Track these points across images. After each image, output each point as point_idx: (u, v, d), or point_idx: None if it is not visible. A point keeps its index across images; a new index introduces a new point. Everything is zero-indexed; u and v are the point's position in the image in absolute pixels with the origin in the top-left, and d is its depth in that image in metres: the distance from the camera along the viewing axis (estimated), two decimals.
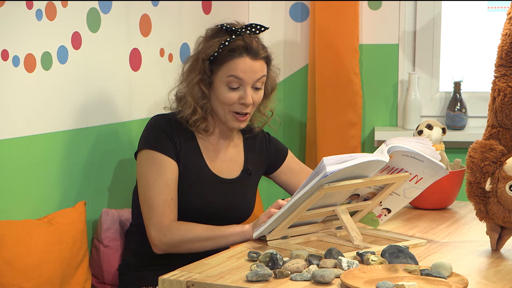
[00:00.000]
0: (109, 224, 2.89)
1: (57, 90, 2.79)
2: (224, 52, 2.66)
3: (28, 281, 2.49)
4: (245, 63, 2.65)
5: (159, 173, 2.65)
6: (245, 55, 2.66)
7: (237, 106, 2.68)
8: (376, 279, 2.06)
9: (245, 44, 2.66)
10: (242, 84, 2.66)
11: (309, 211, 2.47)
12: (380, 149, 2.46)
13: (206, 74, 2.68)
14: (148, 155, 2.68)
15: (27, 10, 2.64)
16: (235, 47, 2.65)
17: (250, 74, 2.66)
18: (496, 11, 3.79)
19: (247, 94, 2.67)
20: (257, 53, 2.67)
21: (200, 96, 2.69)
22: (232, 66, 2.65)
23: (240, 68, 2.65)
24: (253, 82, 2.67)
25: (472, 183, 2.35)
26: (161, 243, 2.62)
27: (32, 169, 2.70)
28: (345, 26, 3.71)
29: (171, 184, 2.66)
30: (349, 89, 3.73)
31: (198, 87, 2.69)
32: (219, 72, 2.67)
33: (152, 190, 2.64)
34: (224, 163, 2.77)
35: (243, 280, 2.11)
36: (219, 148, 2.77)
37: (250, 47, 2.66)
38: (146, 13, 3.19)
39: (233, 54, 2.65)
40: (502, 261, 2.32)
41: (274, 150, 2.90)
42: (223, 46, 2.66)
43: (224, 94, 2.67)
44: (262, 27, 2.70)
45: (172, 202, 2.65)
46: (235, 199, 2.76)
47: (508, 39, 2.36)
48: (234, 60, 2.65)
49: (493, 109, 2.39)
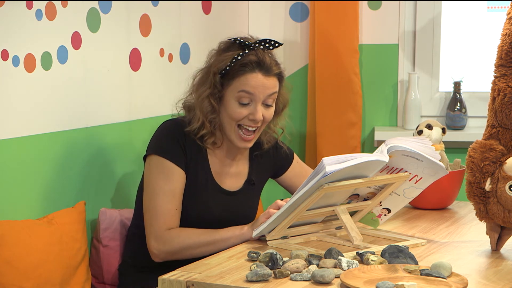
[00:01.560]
0: (107, 224, 2.88)
1: (57, 90, 2.79)
2: (236, 67, 2.60)
3: (28, 281, 2.49)
4: (257, 78, 2.60)
5: (167, 182, 2.61)
6: (257, 71, 2.60)
7: (246, 121, 2.62)
8: (376, 279, 2.06)
9: (258, 59, 2.60)
10: (253, 100, 2.61)
11: (309, 211, 2.47)
12: (380, 149, 2.46)
13: (216, 88, 2.62)
14: (158, 162, 2.63)
15: (27, 10, 2.64)
16: (248, 62, 2.60)
17: (261, 90, 2.60)
18: (496, 11, 3.79)
19: (257, 110, 2.61)
20: (270, 69, 2.62)
21: (209, 111, 2.63)
22: (244, 81, 2.60)
23: (251, 83, 2.59)
24: (264, 98, 2.62)
25: (472, 183, 2.35)
26: (160, 252, 2.60)
27: (32, 169, 2.70)
28: (345, 26, 3.71)
29: (177, 194, 2.62)
30: (349, 89, 3.73)
31: (208, 101, 2.63)
32: (230, 86, 2.62)
33: (157, 199, 2.60)
34: (229, 176, 2.74)
35: (243, 280, 2.11)
36: (226, 161, 2.73)
37: (263, 63, 2.61)
38: (146, 13, 3.19)
39: (245, 69, 2.59)
40: (502, 261, 2.32)
41: (281, 155, 2.86)
42: (235, 61, 2.60)
43: (234, 109, 2.61)
44: (276, 42, 2.65)
45: (175, 213, 2.62)
46: (237, 210, 2.74)
47: (508, 39, 2.36)
48: (246, 75, 2.60)
49: (493, 109, 2.39)
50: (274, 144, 2.84)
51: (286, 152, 2.87)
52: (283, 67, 2.71)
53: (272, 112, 2.67)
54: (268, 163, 2.83)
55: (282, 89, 2.71)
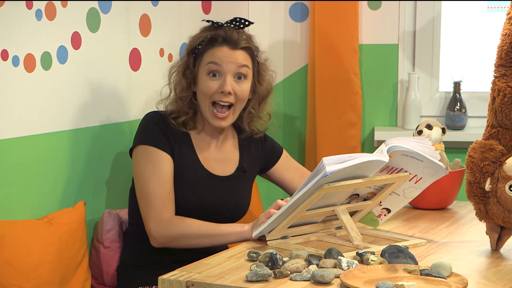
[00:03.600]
0: (111, 225, 2.88)
1: (57, 90, 2.79)
2: (206, 44, 2.70)
3: (28, 281, 2.49)
4: (223, 51, 2.69)
5: (156, 168, 2.65)
6: (224, 45, 2.69)
7: (217, 95, 2.68)
8: (376, 279, 2.05)
9: (225, 34, 2.70)
10: (222, 72, 2.68)
11: (309, 211, 2.47)
12: (380, 149, 2.46)
13: (189, 67, 2.73)
14: (144, 151, 2.68)
15: (27, 10, 2.64)
16: (216, 37, 2.70)
17: (228, 61, 2.68)
18: (496, 11, 3.79)
19: (226, 82, 2.67)
20: (237, 43, 2.70)
21: (183, 89, 2.73)
22: (211, 54, 2.69)
23: (218, 55, 2.68)
24: (233, 71, 2.69)
25: (471, 183, 2.35)
26: (159, 235, 2.62)
27: (31, 169, 2.70)
28: (345, 26, 3.71)
29: (168, 178, 2.66)
30: (349, 89, 3.73)
31: (183, 78, 2.73)
32: (201, 62, 2.71)
33: (149, 185, 2.64)
34: (217, 161, 2.78)
35: (242, 280, 2.10)
36: (212, 145, 2.78)
37: (230, 38, 2.70)
38: (146, 13, 3.19)
39: (213, 44, 2.69)
40: (502, 261, 2.32)
41: (270, 149, 2.91)
42: (206, 39, 2.70)
43: (204, 83, 2.69)
44: (246, 21, 2.73)
45: (169, 196, 2.65)
46: (229, 197, 2.76)
47: (507, 39, 2.36)
48: (213, 49, 2.69)
49: (492, 109, 2.39)
50: (263, 138, 2.89)
51: (275, 146, 2.93)
52: (256, 42, 2.77)
53: (245, 88, 2.72)
54: (259, 154, 2.88)
55: (264, 74, 2.78)
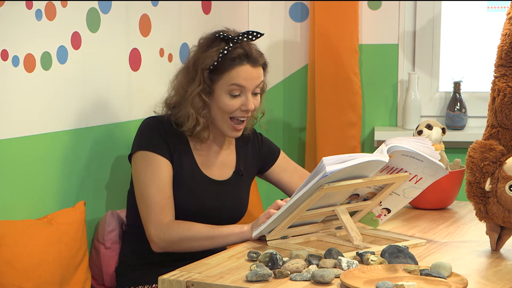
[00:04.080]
0: (114, 226, 2.88)
1: (57, 90, 2.79)
2: (225, 61, 2.66)
3: (28, 281, 2.49)
4: (247, 71, 2.67)
5: (155, 173, 2.66)
6: (246, 63, 2.67)
7: (239, 113, 2.69)
8: (376, 279, 2.05)
9: (245, 51, 2.67)
10: (243, 91, 2.68)
11: (309, 211, 2.47)
12: (380, 149, 2.46)
13: (206, 83, 2.68)
14: (143, 156, 2.69)
15: (27, 10, 2.64)
16: (236, 55, 2.66)
17: (251, 81, 2.67)
18: (495, 11, 3.79)
19: (249, 100, 2.68)
20: (257, 60, 2.69)
21: (201, 107, 2.69)
22: (234, 74, 2.66)
23: (242, 76, 2.66)
24: (253, 89, 2.69)
25: (471, 183, 2.35)
26: (160, 240, 2.62)
27: (31, 169, 2.70)
28: (345, 26, 3.71)
29: (167, 182, 2.67)
30: (349, 89, 3.73)
31: (199, 97, 2.69)
32: (220, 81, 2.67)
33: (149, 189, 2.65)
34: (216, 165, 2.78)
35: (242, 280, 2.11)
36: (211, 151, 2.78)
37: (250, 54, 2.68)
38: (145, 13, 3.19)
39: (234, 63, 2.66)
40: (502, 261, 2.32)
41: (267, 150, 2.91)
42: (222, 55, 2.66)
43: (226, 102, 2.67)
44: (258, 33, 2.71)
45: (169, 201, 2.66)
46: (227, 200, 2.77)
47: (507, 39, 2.36)
48: (236, 69, 2.66)
49: (492, 109, 2.39)
50: (260, 138, 2.90)
51: (272, 147, 2.94)
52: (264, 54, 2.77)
53: (259, 100, 2.75)
54: (255, 155, 2.88)
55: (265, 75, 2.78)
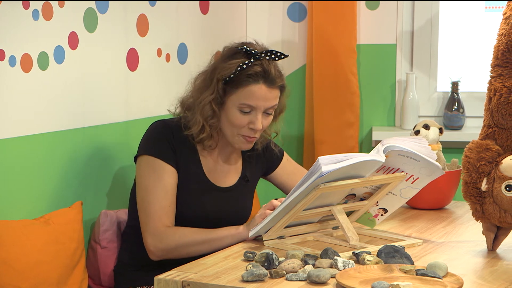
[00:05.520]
0: (108, 225, 2.88)
1: (54, 90, 2.79)
2: (241, 76, 2.60)
3: (25, 281, 2.49)
4: (261, 90, 2.60)
5: (158, 179, 2.63)
6: (262, 82, 2.60)
7: (246, 130, 2.64)
8: (372, 279, 2.06)
9: (263, 70, 2.60)
10: (254, 110, 2.62)
11: (305, 211, 2.47)
12: (376, 149, 2.46)
13: (219, 94, 2.63)
14: (148, 161, 2.66)
15: (24, 10, 2.64)
16: (253, 72, 2.59)
17: (263, 102, 2.61)
18: (493, 11, 3.79)
19: (258, 120, 2.62)
20: (274, 81, 2.62)
21: (210, 115, 2.65)
22: (247, 92, 2.60)
23: (255, 95, 2.60)
24: (265, 109, 2.63)
25: (468, 183, 2.35)
26: (156, 249, 2.61)
27: (28, 169, 2.70)
28: (342, 26, 3.71)
29: (170, 190, 2.64)
30: (347, 89, 3.73)
31: (210, 106, 2.64)
32: (233, 95, 2.62)
33: (150, 196, 2.62)
34: (222, 172, 2.76)
35: (238, 280, 2.11)
36: (219, 158, 2.75)
37: (268, 74, 2.60)
38: (143, 13, 3.19)
39: (249, 80, 2.59)
40: (498, 261, 2.32)
41: (271, 153, 2.88)
42: (240, 69, 2.59)
43: (235, 116, 2.62)
44: (282, 54, 2.65)
45: (169, 209, 2.63)
46: (231, 207, 2.75)
47: (504, 39, 2.36)
48: (250, 86, 2.59)
49: (489, 109, 2.39)
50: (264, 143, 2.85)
51: (276, 149, 2.90)
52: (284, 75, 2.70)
53: (270, 120, 2.69)
54: (260, 160, 2.85)
55: (282, 96, 2.71)
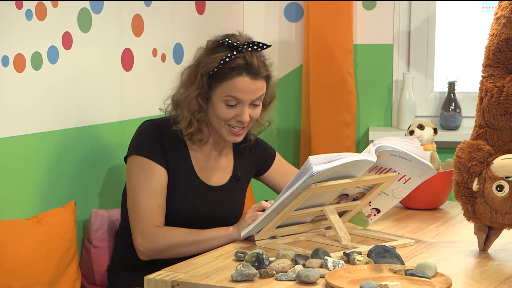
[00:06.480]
0: (99, 224, 2.88)
1: (48, 90, 2.79)
2: (224, 70, 2.60)
3: (17, 281, 2.49)
4: (244, 83, 2.59)
5: (148, 180, 2.64)
6: (245, 75, 2.59)
7: (233, 122, 2.64)
8: (361, 279, 2.05)
9: (245, 62, 2.59)
10: (240, 103, 2.62)
11: (297, 211, 2.47)
12: (368, 149, 2.46)
13: (204, 88, 2.63)
14: (138, 161, 2.66)
15: (17, 10, 2.64)
16: (235, 65, 2.59)
17: (248, 94, 2.61)
18: (490, 11, 3.79)
19: (244, 112, 2.62)
20: (257, 72, 2.61)
21: (197, 110, 2.65)
22: (231, 85, 2.59)
23: (239, 88, 2.59)
24: (251, 101, 2.63)
25: (459, 183, 2.35)
26: (146, 249, 2.61)
27: (22, 168, 2.70)
28: (339, 26, 3.71)
29: (159, 190, 2.64)
30: (344, 89, 3.73)
31: (196, 101, 2.64)
32: (217, 89, 2.62)
33: (139, 196, 2.63)
34: (213, 171, 2.76)
35: (228, 280, 2.11)
36: (210, 157, 2.76)
37: (251, 66, 2.60)
38: (138, 13, 3.19)
39: (232, 73, 2.59)
40: (489, 261, 2.32)
41: (263, 154, 2.88)
42: (223, 63, 2.59)
43: (221, 110, 2.62)
44: (264, 45, 2.64)
45: (159, 209, 2.63)
46: (223, 206, 2.75)
47: (495, 39, 2.36)
48: (234, 80, 2.59)
49: (480, 109, 2.39)
50: (256, 141, 2.85)
51: (268, 150, 2.90)
52: (271, 66, 2.69)
53: (259, 111, 2.68)
54: (252, 160, 2.85)
55: (269, 86, 2.71)
